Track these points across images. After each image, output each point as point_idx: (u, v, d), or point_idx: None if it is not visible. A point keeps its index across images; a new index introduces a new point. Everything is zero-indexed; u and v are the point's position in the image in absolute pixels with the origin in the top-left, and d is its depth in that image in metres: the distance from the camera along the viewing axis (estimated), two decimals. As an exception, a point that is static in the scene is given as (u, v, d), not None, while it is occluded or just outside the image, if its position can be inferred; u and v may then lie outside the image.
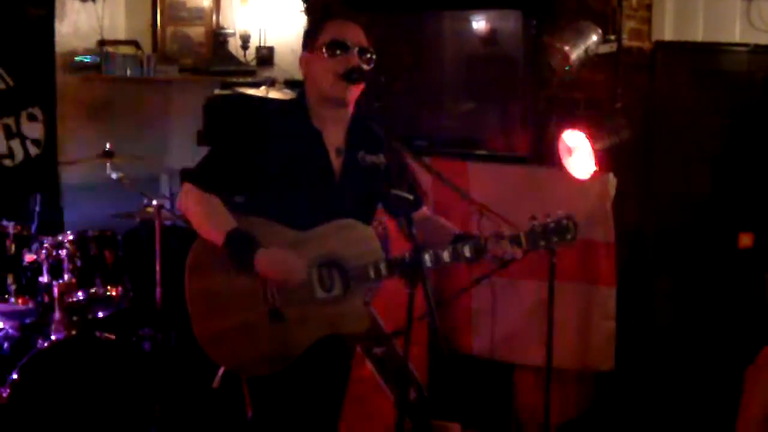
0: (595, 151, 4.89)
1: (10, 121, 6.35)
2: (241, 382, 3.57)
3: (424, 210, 3.72)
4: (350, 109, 3.51)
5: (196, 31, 7.34)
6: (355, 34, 3.42)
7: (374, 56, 3.45)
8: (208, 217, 3.39)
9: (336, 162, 3.49)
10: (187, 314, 3.40)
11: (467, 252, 3.43)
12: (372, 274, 3.42)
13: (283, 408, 3.48)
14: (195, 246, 3.43)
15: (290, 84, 6.46)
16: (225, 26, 7.18)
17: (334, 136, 3.50)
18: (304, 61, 3.51)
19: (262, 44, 7.11)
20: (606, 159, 4.93)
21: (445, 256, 3.43)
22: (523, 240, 3.48)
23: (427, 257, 3.41)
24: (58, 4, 6.67)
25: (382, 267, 3.42)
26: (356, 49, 3.40)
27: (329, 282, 3.42)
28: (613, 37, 5.15)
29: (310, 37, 3.49)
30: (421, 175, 5.02)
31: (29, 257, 5.05)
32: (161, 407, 5.11)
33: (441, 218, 3.74)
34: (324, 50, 3.39)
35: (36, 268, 5.06)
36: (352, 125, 3.54)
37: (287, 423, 3.50)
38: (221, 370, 3.42)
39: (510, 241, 3.45)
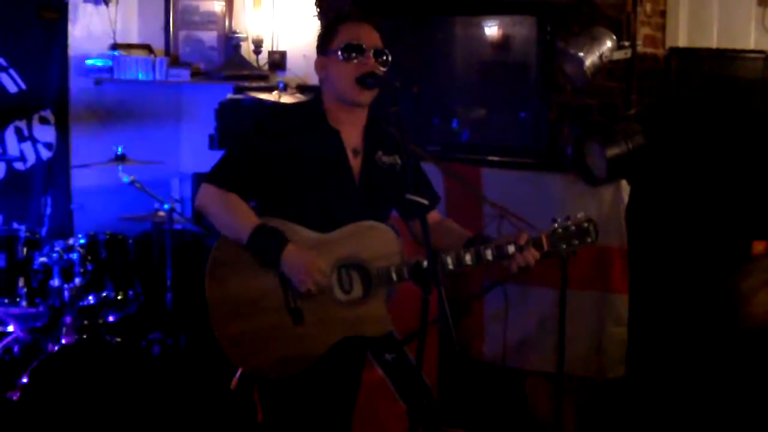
0: (609, 157, 4.89)
1: (23, 124, 6.36)
2: (252, 385, 3.56)
3: (435, 213, 3.70)
4: (367, 110, 3.50)
5: (209, 36, 7.34)
6: (370, 36, 3.42)
7: (390, 57, 3.44)
8: (230, 213, 3.37)
9: (354, 162, 3.48)
10: (198, 318, 3.40)
11: (489, 255, 3.41)
12: (395, 276, 3.40)
13: (295, 412, 3.47)
14: (216, 248, 3.41)
15: (302, 88, 6.46)
16: (237, 31, 7.18)
17: (351, 137, 3.49)
18: (319, 65, 3.50)
19: (274, 49, 7.11)
20: (619, 165, 4.92)
21: (467, 258, 3.41)
22: (545, 242, 3.46)
23: (449, 259, 3.40)
24: (71, 8, 6.67)
25: (405, 270, 3.40)
26: (372, 51, 3.40)
27: (348, 284, 3.41)
28: (627, 44, 5.14)
29: (325, 41, 3.48)
30: (434, 177, 5.02)
31: (40, 260, 5.05)
32: (170, 412, 5.11)
33: (451, 221, 3.72)
34: (339, 54, 3.39)
35: (47, 271, 5.06)
36: (368, 127, 3.53)
37: (299, 428, 3.48)
38: (239, 372, 3.40)
39: (532, 243, 3.43)
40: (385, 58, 3.43)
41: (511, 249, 3.41)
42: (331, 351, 3.39)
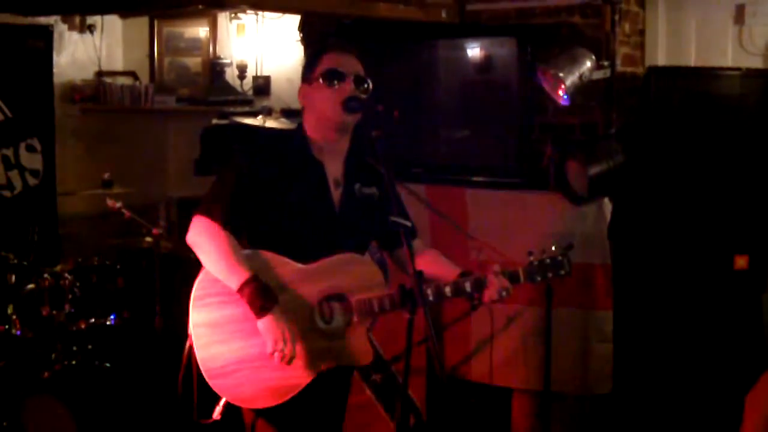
0: (591, 176, 4.94)
1: (9, 152, 6.39)
2: (241, 412, 3.58)
3: (419, 243, 3.74)
4: (348, 139, 3.55)
5: (194, 62, 7.39)
6: (350, 64, 3.47)
7: (370, 85, 3.49)
8: (221, 256, 3.37)
9: (335, 194, 3.52)
10: (187, 343, 3.42)
11: (468, 287, 3.47)
12: (377, 308, 3.45)
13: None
14: (200, 278, 3.44)
15: (287, 113, 6.50)
16: (222, 56, 7.23)
17: (333, 168, 3.53)
18: (302, 93, 3.54)
19: (258, 74, 7.15)
20: (601, 183, 4.97)
21: (447, 290, 3.47)
22: (521, 276, 3.55)
23: (429, 291, 3.44)
24: (56, 36, 6.72)
25: (386, 301, 3.45)
26: (352, 78, 3.45)
27: (329, 314, 3.44)
28: (606, 63, 5.20)
29: (307, 70, 3.53)
30: (419, 207, 5.07)
31: (29, 287, 5.07)
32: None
33: (436, 252, 3.76)
34: (321, 80, 3.44)
35: (36, 298, 5.07)
36: (349, 157, 3.57)
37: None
38: (222, 401, 3.42)
39: (508, 276, 3.50)
40: (365, 86, 3.48)
41: (489, 283, 3.49)
42: (315, 381, 3.42)
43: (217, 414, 3.49)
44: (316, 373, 3.42)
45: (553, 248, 3.61)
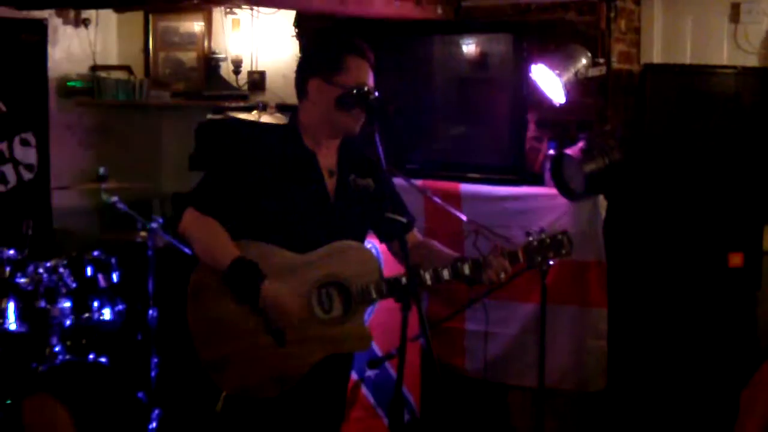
0: (586, 173, 4.94)
1: (3, 146, 6.36)
2: (241, 404, 3.58)
3: (416, 234, 3.74)
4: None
5: (189, 56, 7.36)
6: (370, 77, 3.48)
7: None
8: (211, 243, 3.42)
9: (329, 183, 3.53)
10: (182, 337, 3.43)
11: (466, 270, 3.47)
12: (374, 294, 3.45)
13: (283, 430, 3.50)
14: (197, 270, 3.45)
15: (282, 108, 6.49)
16: (217, 51, 7.21)
17: (327, 158, 3.54)
18: (316, 87, 3.47)
19: (253, 69, 7.14)
20: (597, 180, 4.97)
21: (445, 273, 3.47)
22: (521, 255, 3.53)
23: (427, 275, 3.45)
24: (51, 30, 6.69)
25: (384, 286, 3.45)
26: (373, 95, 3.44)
27: (328, 303, 3.46)
28: (602, 60, 5.21)
29: (326, 65, 3.45)
30: (414, 198, 5.07)
31: (24, 282, 5.05)
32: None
33: (437, 243, 3.76)
34: (352, 96, 3.40)
35: (31, 292, 5.06)
36: (343, 148, 3.58)
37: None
38: (223, 394, 3.43)
39: (508, 256, 3.48)
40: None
41: (488, 264, 3.47)
42: (314, 369, 3.43)
43: (218, 406, 3.49)
44: (315, 361, 3.43)
45: (553, 229, 3.61)
